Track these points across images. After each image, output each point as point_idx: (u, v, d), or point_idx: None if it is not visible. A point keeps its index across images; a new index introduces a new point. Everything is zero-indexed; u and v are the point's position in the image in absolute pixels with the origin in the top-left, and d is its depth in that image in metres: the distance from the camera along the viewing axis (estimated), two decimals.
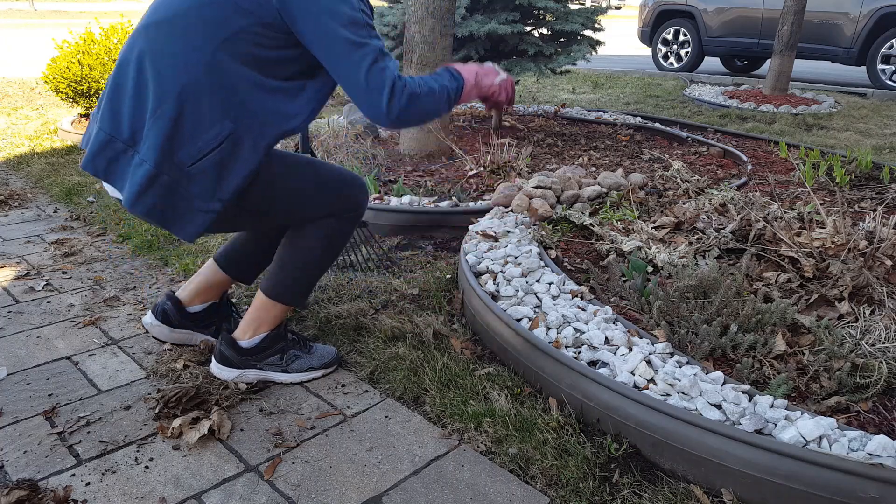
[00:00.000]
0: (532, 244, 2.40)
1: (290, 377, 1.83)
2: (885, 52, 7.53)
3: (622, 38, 14.38)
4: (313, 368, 1.86)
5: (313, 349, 1.89)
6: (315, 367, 1.86)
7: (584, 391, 1.62)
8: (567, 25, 4.34)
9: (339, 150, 3.54)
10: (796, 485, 1.30)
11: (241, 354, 1.80)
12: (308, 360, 1.86)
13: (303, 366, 1.84)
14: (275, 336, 1.83)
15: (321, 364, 1.87)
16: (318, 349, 1.89)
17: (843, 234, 2.15)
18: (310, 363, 1.85)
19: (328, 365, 1.88)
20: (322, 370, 1.87)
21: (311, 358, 1.86)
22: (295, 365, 1.84)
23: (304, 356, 1.86)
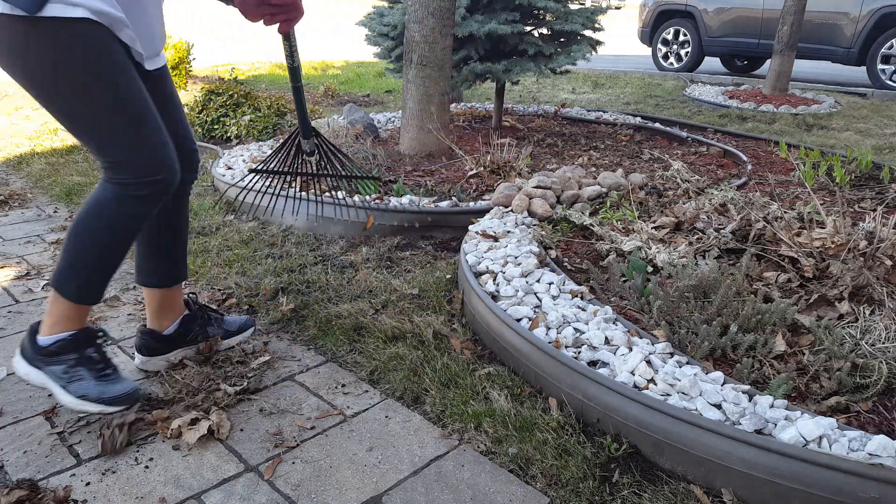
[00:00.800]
0: (532, 244, 2.40)
1: (65, 397, 1.57)
2: (885, 52, 7.53)
3: (622, 38, 14.38)
4: (87, 398, 1.56)
5: (110, 377, 1.61)
6: (91, 398, 1.56)
7: (585, 391, 1.62)
8: (567, 25, 4.34)
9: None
10: (796, 485, 1.30)
11: (34, 350, 1.59)
12: (91, 386, 1.58)
13: (80, 390, 1.57)
14: (69, 343, 1.58)
15: (100, 398, 1.57)
16: (115, 383, 1.61)
17: (843, 234, 2.15)
18: (88, 391, 1.57)
19: (108, 402, 1.57)
20: (98, 405, 1.57)
21: (96, 386, 1.58)
22: (74, 386, 1.57)
23: (90, 381, 1.58)
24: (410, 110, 3.92)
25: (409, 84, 3.89)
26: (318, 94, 7.21)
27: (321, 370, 1.92)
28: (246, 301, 2.32)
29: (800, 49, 7.43)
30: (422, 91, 3.85)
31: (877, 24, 7.54)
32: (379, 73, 8.81)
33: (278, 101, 4.90)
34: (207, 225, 3.05)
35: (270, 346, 2.04)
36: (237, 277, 2.48)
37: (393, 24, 4.61)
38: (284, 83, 8.14)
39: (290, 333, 2.12)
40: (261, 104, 4.81)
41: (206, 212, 3.22)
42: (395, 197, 3.06)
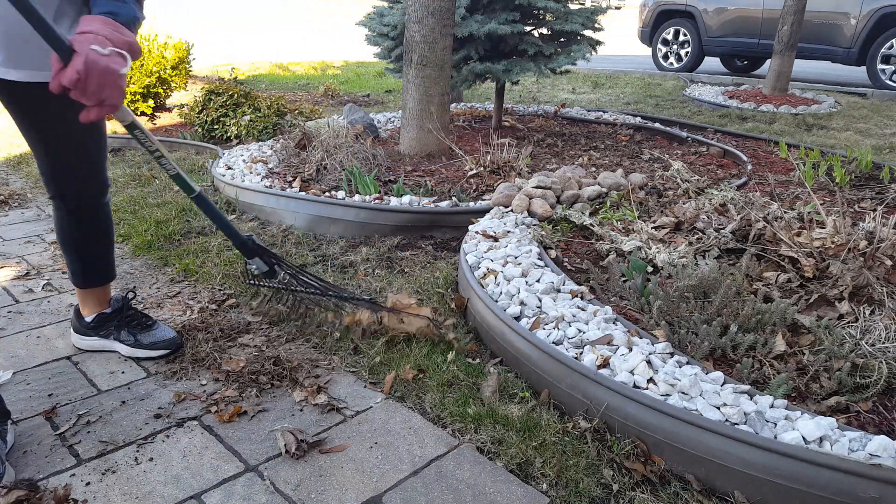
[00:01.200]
0: (532, 244, 2.40)
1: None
2: (885, 52, 7.53)
3: (622, 38, 14.37)
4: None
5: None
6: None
7: (585, 391, 1.62)
8: (567, 25, 4.34)
9: (339, 150, 3.53)
10: (797, 485, 1.30)
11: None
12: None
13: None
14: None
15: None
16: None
17: (843, 234, 2.15)
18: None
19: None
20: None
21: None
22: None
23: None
24: (410, 110, 3.92)
25: (409, 84, 3.89)
26: (318, 94, 7.21)
27: (321, 370, 1.92)
28: (246, 301, 2.32)
29: (800, 49, 7.42)
30: (422, 91, 3.85)
31: (877, 24, 7.53)
32: (379, 73, 8.81)
33: (278, 102, 4.90)
34: (207, 225, 3.05)
35: (271, 347, 2.04)
36: (237, 277, 2.48)
37: (393, 24, 4.61)
38: (284, 83, 8.14)
39: (290, 333, 2.12)
40: (261, 104, 4.81)
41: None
42: (395, 197, 3.06)
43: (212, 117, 4.77)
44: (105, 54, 1.26)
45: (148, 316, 2.00)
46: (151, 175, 3.88)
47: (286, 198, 3.06)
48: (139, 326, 1.96)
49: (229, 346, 2.02)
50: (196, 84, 7.21)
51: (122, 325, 1.95)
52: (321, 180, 3.36)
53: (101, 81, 1.27)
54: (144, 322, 1.97)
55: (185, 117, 5.19)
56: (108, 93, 1.29)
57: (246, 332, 2.10)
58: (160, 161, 1.65)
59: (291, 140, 3.78)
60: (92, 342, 1.99)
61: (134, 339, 1.94)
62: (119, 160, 4.37)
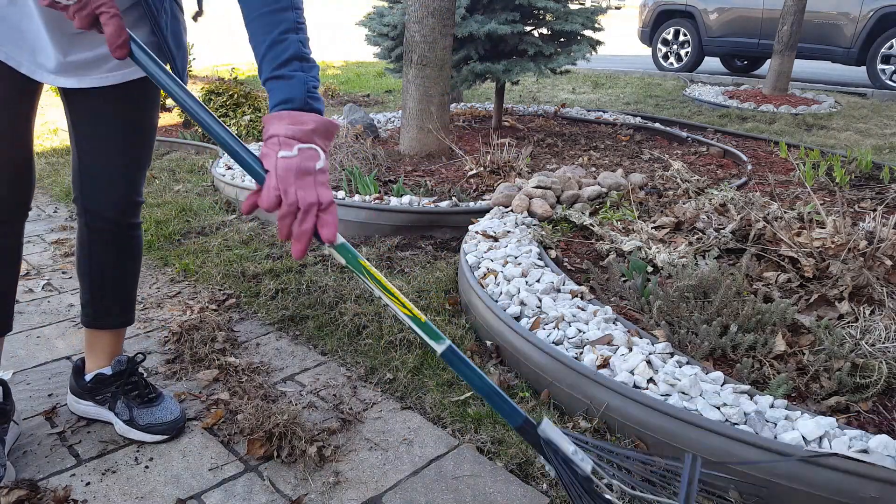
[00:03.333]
0: (532, 244, 2.40)
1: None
2: (885, 52, 7.53)
3: (622, 38, 14.38)
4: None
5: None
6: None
7: (584, 391, 1.62)
8: (567, 25, 4.34)
9: (339, 150, 3.53)
10: (797, 485, 1.30)
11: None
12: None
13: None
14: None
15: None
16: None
17: (843, 234, 2.15)
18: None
19: None
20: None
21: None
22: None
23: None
24: (410, 110, 3.92)
25: (409, 84, 3.89)
26: None
27: (321, 370, 1.92)
28: (246, 301, 2.32)
29: (800, 49, 7.42)
30: (422, 91, 3.85)
31: (877, 24, 7.54)
32: (379, 73, 8.81)
33: None
34: (207, 225, 3.05)
35: (271, 346, 2.05)
36: (237, 277, 2.48)
37: (393, 24, 4.61)
38: None
39: (291, 333, 2.13)
40: (261, 104, 4.81)
41: (206, 212, 3.22)
42: (395, 197, 3.06)
43: None
44: (293, 156, 1.09)
45: (153, 388, 1.67)
46: (151, 175, 3.88)
47: None
48: (139, 399, 1.62)
49: (229, 347, 2.02)
50: (196, 84, 7.21)
51: (119, 393, 1.63)
52: None
53: (300, 185, 1.08)
54: (146, 395, 1.64)
55: (185, 117, 5.19)
56: (313, 195, 1.08)
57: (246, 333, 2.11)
58: (385, 308, 1.33)
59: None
60: (87, 408, 1.67)
61: (129, 415, 1.61)
62: None
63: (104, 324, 1.65)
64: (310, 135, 1.11)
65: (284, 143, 1.09)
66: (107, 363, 1.66)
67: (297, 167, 1.08)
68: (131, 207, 1.56)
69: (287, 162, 1.08)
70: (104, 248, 1.59)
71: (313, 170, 1.09)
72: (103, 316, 1.64)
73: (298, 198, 1.07)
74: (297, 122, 1.11)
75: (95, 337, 1.66)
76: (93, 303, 1.63)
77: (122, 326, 1.68)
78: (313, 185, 1.08)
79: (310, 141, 1.11)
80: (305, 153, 1.09)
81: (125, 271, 1.64)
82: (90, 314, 1.64)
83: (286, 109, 1.13)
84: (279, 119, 1.12)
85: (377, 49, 4.92)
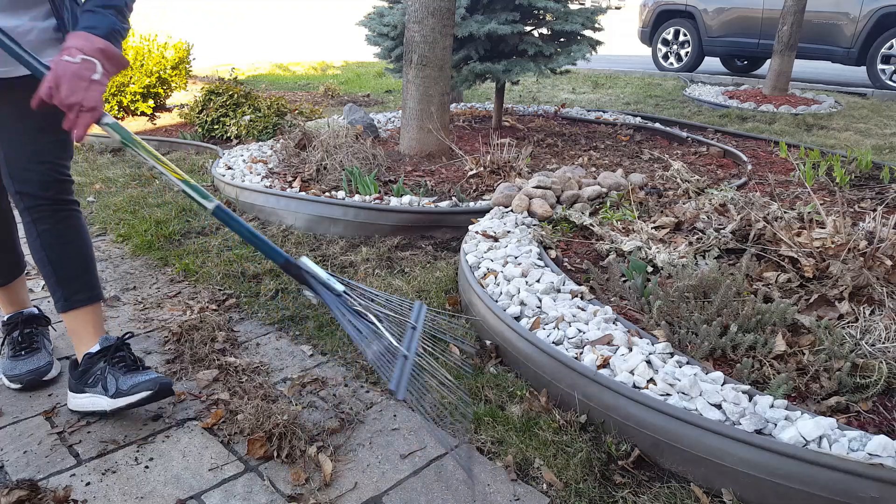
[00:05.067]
0: (532, 244, 2.40)
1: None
2: (885, 52, 7.53)
3: (622, 38, 14.37)
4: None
5: (21, 357, 1.83)
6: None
7: (584, 391, 1.62)
8: (567, 25, 4.34)
9: (339, 150, 3.53)
10: (796, 485, 1.30)
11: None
12: (3, 363, 1.84)
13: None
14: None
15: (5, 373, 1.81)
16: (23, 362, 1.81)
17: (843, 234, 2.15)
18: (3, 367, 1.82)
19: (9, 378, 1.80)
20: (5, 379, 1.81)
21: (7, 362, 1.83)
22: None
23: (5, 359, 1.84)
24: (410, 110, 3.92)
25: (409, 84, 3.89)
26: (318, 94, 7.21)
27: (321, 370, 1.92)
28: (246, 301, 2.32)
29: (800, 49, 7.42)
30: (422, 91, 3.85)
31: (877, 24, 7.53)
32: (379, 73, 8.81)
33: (278, 102, 4.90)
34: (207, 225, 3.05)
35: (271, 346, 2.04)
36: (237, 277, 2.48)
37: (393, 24, 4.61)
38: (284, 83, 8.14)
39: (291, 333, 2.12)
40: (261, 104, 4.81)
41: (206, 212, 3.22)
42: (395, 197, 3.06)
43: (212, 117, 4.77)
44: (75, 62, 1.33)
45: (142, 364, 1.70)
46: (151, 175, 3.88)
47: (286, 198, 3.06)
48: (125, 368, 1.65)
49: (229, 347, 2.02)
50: (196, 84, 7.21)
51: (107, 366, 1.65)
52: (321, 180, 3.36)
53: (72, 87, 1.32)
54: (132, 366, 1.67)
55: (185, 117, 5.19)
56: (80, 96, 1.33)
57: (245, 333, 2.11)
58: (160, 177, 1.62)
59: (291, 140, 3.78)
60: (82, 401, 1.67)
61: (116, 385, 1.62)
62: (119, 160, 4.38)
63: (75, 303, 1.72)
64: (96, 52, 1.36)
65: (72, 52, 1.34)
66: (93, 343, 1.72)
67: (74, 70, 1.33)
68: (60, 183, 1.68)
69: (67, 65, 1.33)
70: (48, 230, 1.69)
71: (88, 77, 1.34)
72: (72, 297, 1.71)
73: (65, 94, 1.32)
74: (89, 41, 1.36)
75: (75, 321, 1.73)
76: (59, 286, 1.71)
77: (91, 302, 1.74)
78: (84, 89, 1.33)
79: (94, 56, 1.35)
80: (86, 63, 1.34)
81: (76, 249, 1.72)
82: (61, 298, 1.71)
83: (86, 32, 1.37)
84: (76, 36, 1.37)
85: (377, 49, 4.92)
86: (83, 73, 1.34)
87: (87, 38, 1.37)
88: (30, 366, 1.80)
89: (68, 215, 1.70)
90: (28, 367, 1.80)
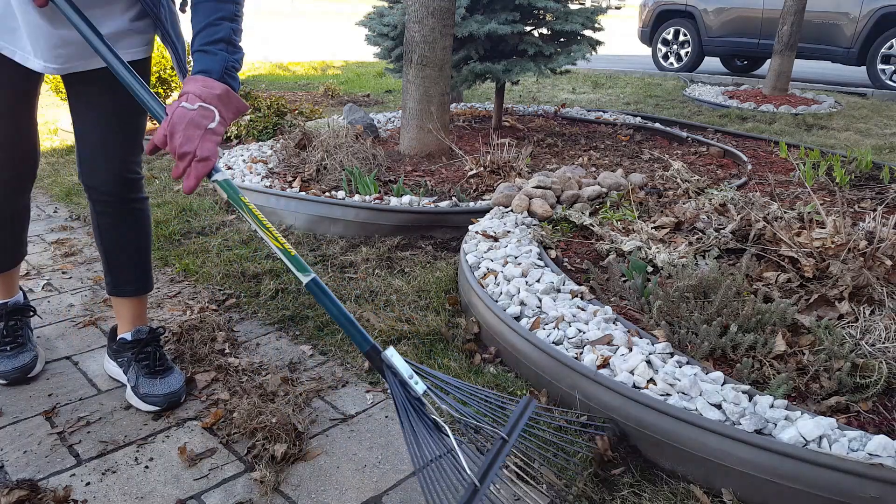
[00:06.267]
0: (532, 244, 2.40)
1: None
2: (885, 52, 7.53)
3: (622, 38, 14.37)
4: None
5: (6, 353, 1.84)
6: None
7: (584, 391, 1.62)
8: (567, 25, 4.34)
9: (339, 150, 3.53)
10: (796, 485, 1.30)
11: None
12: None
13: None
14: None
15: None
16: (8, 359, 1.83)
17: (843, 234, 2.15)
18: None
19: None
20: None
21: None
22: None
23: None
24: (410, 110, 3.92)
25: (409, 84, 3.89)
26: (318, 94, 7.21)
27: (321, 370, 1.92)
28: (246, 301, 2.32)
29: (800, 49, 7.43)
30: (422, 91, 3.85)
31: (877, 24, 7.53)
32: (379, 73, 8.81)
33: (278, 102, 4.90)
34: (207, 225, 3.05)
35: (271, 346, 2.05)
36: (237, 277, 2.48)
37: (393, 24, 4.61)
38: (284, 83, 8.14)
39: (291, 333, 2.13)
40: (261, 104, 4.81)
41: (206, 212, 3.22)
42: (395, 197, 3.06)
43: None
44: (192, 109, 1.29)
45: (165, 362, 1.77)
46: (151, 175, 3.89)
47: (286, 198, 3.06)
48: (147, 370, 1.74)
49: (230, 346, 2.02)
50: None
51: (133, 359, 1.77)
52: (321, 180, 3.36)
53: (187, 135, 1.27)
54: (155, 367, 1.75)
55: None
56: (194, 145, 1.27)
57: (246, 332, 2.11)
58: (265, 243, 1.58)
59: (291, 140, 3.78)
60: (112, 368, 1.84)
61: (135, 382, 1.74)
62: None
63: (121, 292, 1.81)
64: (214, 99, 1.31)
65: (190, 98, 1.30)
66: (128, 329, 1.81)
67: (190, 118, 1.28)
68: (127, 182, 1.69)
69: (184, 111, 1.28)
70: (107, 221, 1.74)
71: (204, 126, 1.29)
72: (119, 284, 1.80)
73: (179, 143, 1.26)
74: (208, 87, 1.31)
75: (118, 304, 1.83)
76: (109, 272, 1.80)
77: (136, 295, 1.82)
78: (199, 137, 1.27)
79: (212, 103, 1.31)
80: (204, 111, 1.29)
81: (130, 242, 1.77)
82: (109, 283, 1.81)
83: (203, 76, 1.32)
84: (194, 81, 1.32)
85: (377, 49, 4.92)
86: (200, 121, 1.29)
87: (206, 83, 1.32)
88: (15, 363, 1.82)
89: (130, 211, 1.74)
90: (14, 364, 1.82)
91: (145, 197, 1.78)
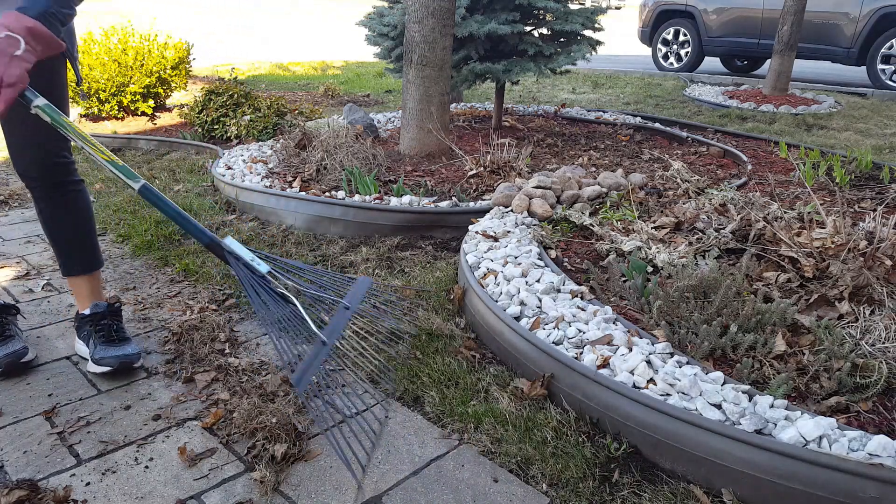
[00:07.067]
0: (532, 244, 2.40)
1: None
2: (885, 52, 7.53)
3: (622, 38, 14.37)
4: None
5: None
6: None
7: (584, 391, 1.62)
8: (567, 25, 4.34)
9: (339, 150, 3.53)
10: (796, 485, 1.30)
11: None
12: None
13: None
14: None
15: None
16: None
17: (843, 234, 2.15)
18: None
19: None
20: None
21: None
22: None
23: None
24: (410, 110, 3.92)
25: (409, 84, 3.89)
26: (318, 94, 7.21)
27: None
28: (246, 301, 2.32)
29: (800, 49, 7.42)
30: (422, 91, 3.85)
31: (877, 24, 7.53)
32: (379, 73, 8.81)
33: (278, 102, 4.90)
34: (207, 225, 3.05)
35: (271, 346, 2.04)
36: (237, 277, 2.47)
37: (393, 24, 4.61)
38: (284, 83, 8.14)
39: (291, 333, 2.12)
40: (261, 104, 4.81)
41: (206, 212, 3.22)
42: (395, 197, 3.06)
43: (212, 117, 4.77)
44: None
45: (123, 334, 1.91)
46: (151, 175, 3.88)
47: (286, 198, 3.06)
48: (104, 339, 1.87)
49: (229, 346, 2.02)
50: (196, 84, 7.21)
51: (91, 331, 1.89)
52: (321, 180, 3.36)
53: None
54: (111, 337, 1.88)
55: (185, 117, 5.19)
56: (0, 71, 1.35)
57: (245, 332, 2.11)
58: (91, 157, 1.66)
59: (291, 140, 3.78)
60: (79, 346, 1.96)
61: (93, 351, 1.86)
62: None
63: (71, 271, 1.93)
64: (23, 30, 1.37)
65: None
66: (86, 306, 1.94)
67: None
68: (54, 167, 1.80)
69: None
70: (45, 206, 1.85)
71: (10, 53, 1.36)
72: (68, 265, 1.93)
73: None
74: (18, 20, 1.38)
75: (72, 284, 1.96)
76: (58, 255, 1.93)
77: (86, 273, 1.94)
78: (4, 64, 1.35)
79: (20, 33, 1.37)
80: (10, 39, 1.36)
81: (70, 225, 1.88)
82: (60, 265, 1.94)
83: (17, 12, 1.39)
84: (6, 15, 1.39)
85: (377, 49, 4.92)
86: (5, 48, 1.36)
87: (17, 16, 1.40)
88: (6, 350, 1.87)
89: (64, 194, 1.84)
90: (5, 350, 1.87)
91: (79, 180, 1.88)
